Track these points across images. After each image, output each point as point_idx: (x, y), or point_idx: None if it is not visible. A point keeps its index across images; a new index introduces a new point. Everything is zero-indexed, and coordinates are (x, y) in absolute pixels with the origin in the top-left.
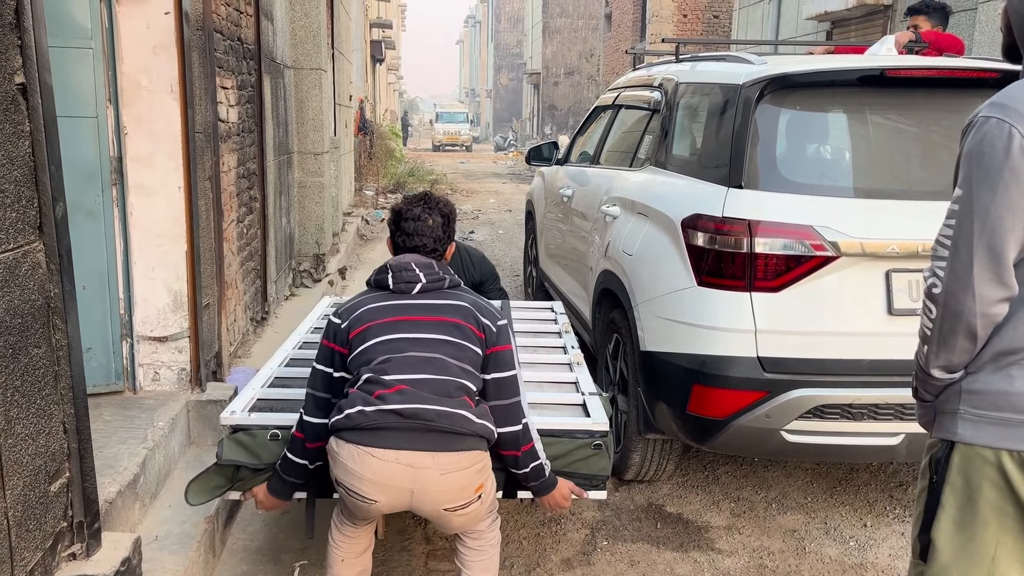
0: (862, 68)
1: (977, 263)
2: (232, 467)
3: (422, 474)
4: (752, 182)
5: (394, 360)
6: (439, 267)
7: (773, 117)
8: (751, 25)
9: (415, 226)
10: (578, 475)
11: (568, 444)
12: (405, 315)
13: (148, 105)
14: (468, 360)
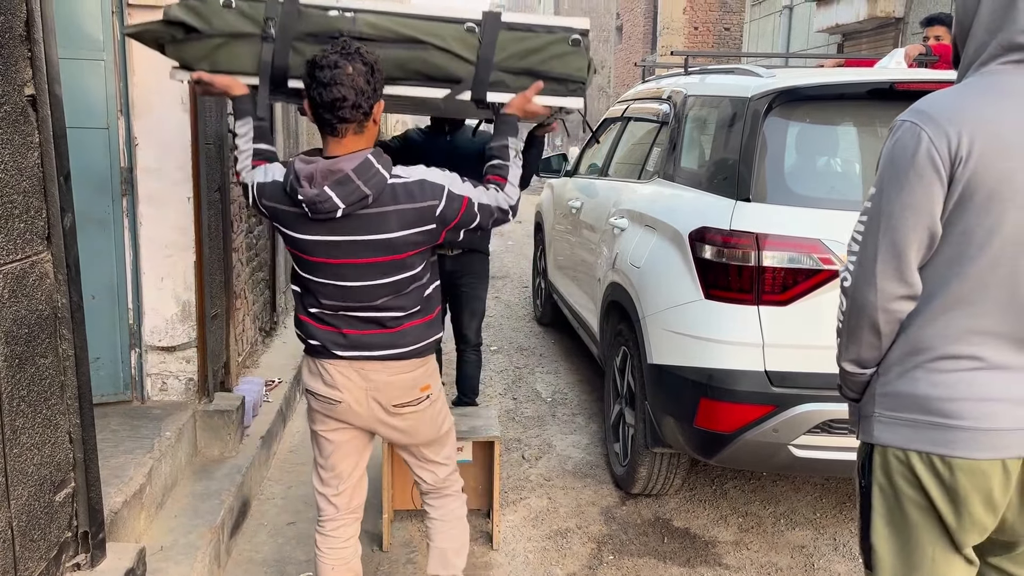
0: (872, 81)
1: (880, 258)
2: (178, 26)
3: (373, 375)
4: (760, 195)
5: (331, 288)
6: (360, 174)
7: (781, 130)
8: (762, 37)
9: (332, 74)
10: (553, 75)
11: (545, 38)
12: (331, 237)
13: (159, 117)
14: (414, 275)
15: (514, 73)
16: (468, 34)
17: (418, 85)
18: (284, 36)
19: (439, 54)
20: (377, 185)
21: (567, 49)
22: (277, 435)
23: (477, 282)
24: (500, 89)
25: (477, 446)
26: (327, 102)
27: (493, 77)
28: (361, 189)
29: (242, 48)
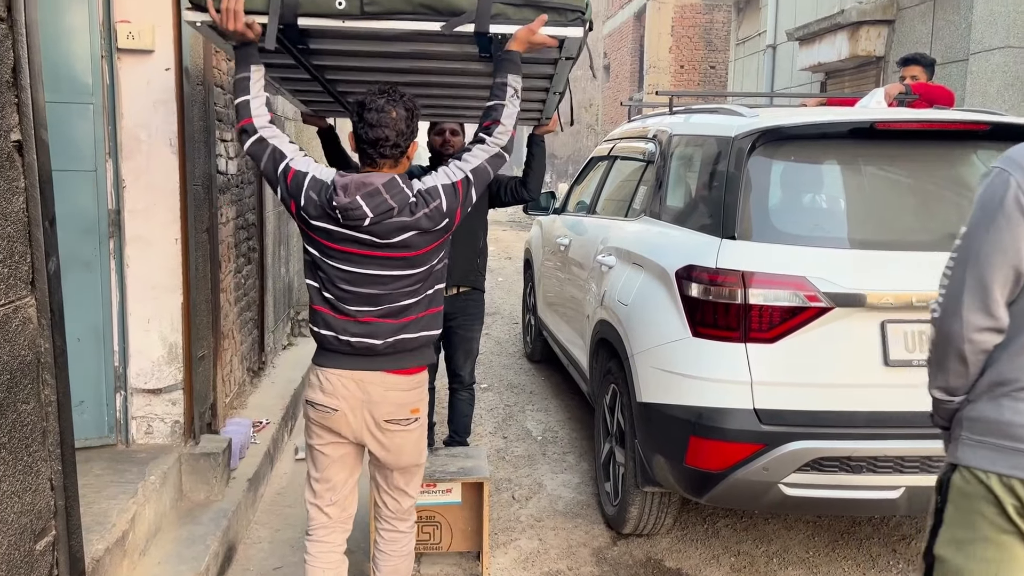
0: (852, 121)
1: (967, 292)
2: None
3: (369, 387)
4: (745, 233)
5: (349, 294)
6: (388, 189)
7: (765, 169)
8: (747, 76)
9: (378, 117)
10: (553, 5)
11: None
12: (356, 248)
13: (147, 158)
14: (421, 276)
15: (516, 5)
16: None
17: (424, 19)
18: None
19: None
20: (401, 200)
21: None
22: (264, 477)
23: (471, 323)
24: (502, 21)
25: (466, 487)
26: (371, 140)
27: (495, 9)
28: (388, 202)
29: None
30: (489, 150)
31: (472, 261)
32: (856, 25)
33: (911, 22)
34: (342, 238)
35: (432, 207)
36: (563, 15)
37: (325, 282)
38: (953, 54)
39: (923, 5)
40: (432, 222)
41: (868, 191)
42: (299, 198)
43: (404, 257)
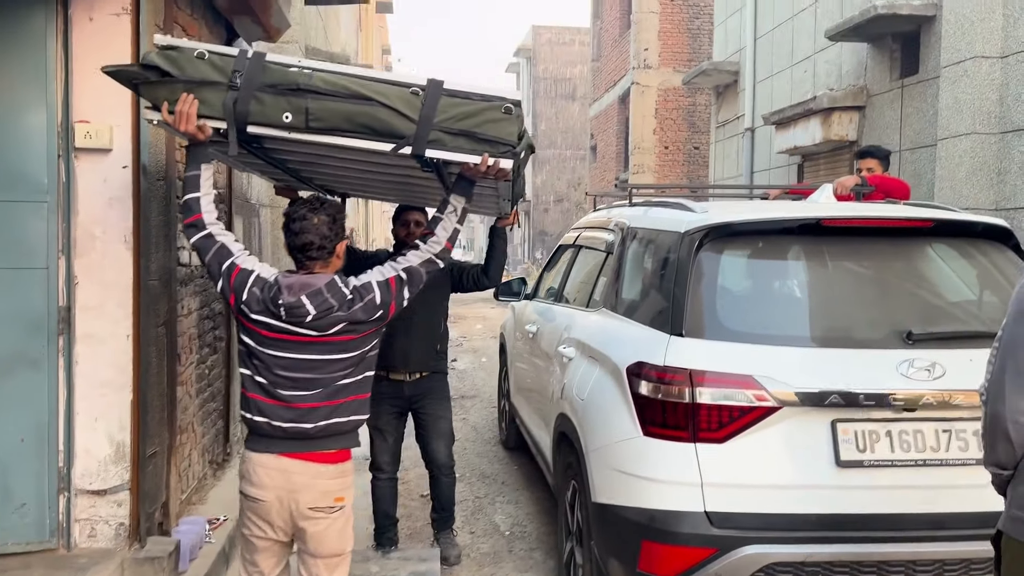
0: (799, 218)
1: (1008, 378)
2: (152, 70)
3: (295, 476)
4: (693, 330)
5: (284, 379)
6: (329, 290)
7: (714, 265)
8: (727, 158)
9: (302, 225)
10: (486, 137)
11: (481, 105)
12: (294, 337)
13: (101, 255)
14: (354, 360)
15: (452, 133)
16: (412, 96)
17: (365, 138)
18: (248, 86)
19: (385, 111)
20: (340, 298)
21: (500, 116)
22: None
23: (438, 403)
24: (437, 147)
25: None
26: (298, 246)
27: (432, 136)
28: (329, 300)
29: (209, 94)
30: (422, 256)
31: (432, 347)
32: (828, 111)
33: (881, 108)
34: (281, 331)
35: (367, 300)
36: (495, 147)
37: (260, 368)
38: (922, 139)
39: (891, 92)
40: (367, 314)
41: (817, 287)
42: (241, 293)
43: (339, 342)
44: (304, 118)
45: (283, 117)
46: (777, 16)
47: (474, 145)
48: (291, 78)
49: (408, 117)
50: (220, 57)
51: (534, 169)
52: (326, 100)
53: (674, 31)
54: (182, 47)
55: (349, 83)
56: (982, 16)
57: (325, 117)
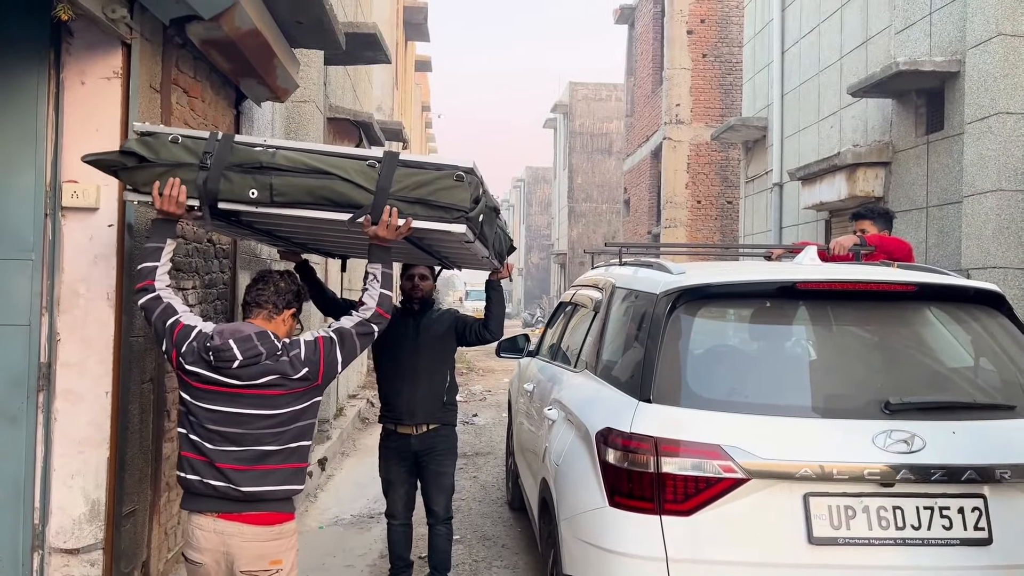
0: (775, 281)
1: None
2: (130, 155)
3: (229, 539)
4: (661, 396)
5: (215, 434)
6: (259, 338)
7: (686, 329)
8: (756, 213)
9: (262, 275)
10: (440, 205)
11: (433, 174)
12: (224, 388)
13: (84, 312)
14: (283, 419)
15: (407, 202)
16: (369, 168)
17: (327, 209)
18: (218, 166)
19: (343, 183)
20: (269, 348)
21: (452, 184)
22: None
23: (443, 459)
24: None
25: None
26: (249, 299)
27: (389, 204)
28: (257, 347)
29: (182, 174)
30: (354, 321)
31: (438, 399)
32: (853, 167)
33: (907, 164)
34: (212, 381)
35: (292, 355)
36: (449, 212)
37: (195, 425)
38: (948, 196)
39: (917, 148)
40: (294, 369)
41: (793, 353)
42: (181, 348)
43: (266, 396)
44: (269, 193)
45: (249, 193)
46: (804, 72)
47: (429, 212)
48: (255, 157)
49: (366, 188)
50: (192, 140)
51: (570, 223)
52: (288, 176)
53: (706, 87)
54: (158, 133)
55: (309, 159)
56: (1005, 72)
57: (288, 192)
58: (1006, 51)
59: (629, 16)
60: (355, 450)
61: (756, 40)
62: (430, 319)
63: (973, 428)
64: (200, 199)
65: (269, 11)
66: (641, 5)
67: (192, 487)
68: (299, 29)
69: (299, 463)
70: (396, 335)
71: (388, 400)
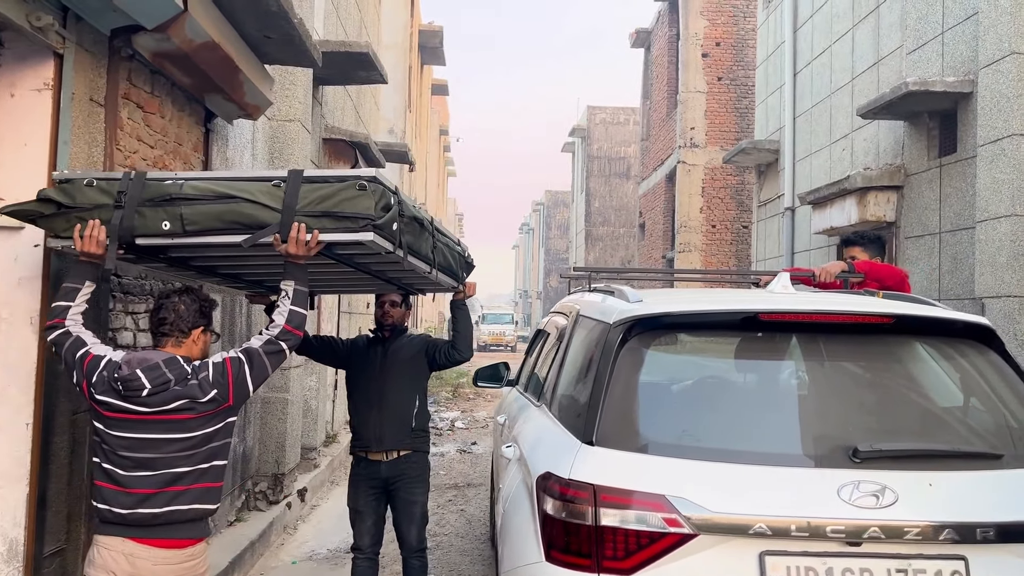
0: (736, 310)
1: None
2: (48, 203)
3: (138, 561)
4: (605, 438)
5: (127, 460)
6: (167, 365)
7: (638, 362)
8: (769, 238)
9: (162, 303)
10: (345, 215)
11: (336, 186)
12: (135, 415)
13: (5, 337)
14: (195, 442)
15: (314, 216)
16: (274, 188)
17: (238, 233)
18: (131, 203)
19: (249, 205)
20: (178, 374)
21: (355, 193)
22: None
23: (413, 486)
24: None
25: None
26: (154, 321)
27: (296, 220)
28: (166, 375)
29: (100, 215)
30: (262, 340)
31: (406, 424)
32: (864, 190)
33: (919, 188)
34: (122, 410)
35: (200, 377)
36: (355, 222)
37: (108, 453)
38: (962, 221)
39: (930, 172)
40: (202, 391)
41: (755, 392)
42: (91, 378)
43: (178, 421)
44: (180, 224)
45: (162, 226)
46: (816, 94)
47: (336, 223)
48: (165, 190)
49: (272, 208)
50: (107, 181)
51: (587, 246)
52: (197, 205)
53: (721, 110)
54: (74, 178)
55: (215, 186)
56: (1019, 92)
57: (198, 220)
58: (1020, 70)
59: (645, 40)
60: (345, 478)
61: (768, 62)
62: (399, 344)
63: (953, 480)
64: (111, 237)
65: (234, 25)
66: (657, 28)
67: (103, 515)
68: (270, 44)
69: (212, 483)
70: (365, 362)
71: (357, 428)
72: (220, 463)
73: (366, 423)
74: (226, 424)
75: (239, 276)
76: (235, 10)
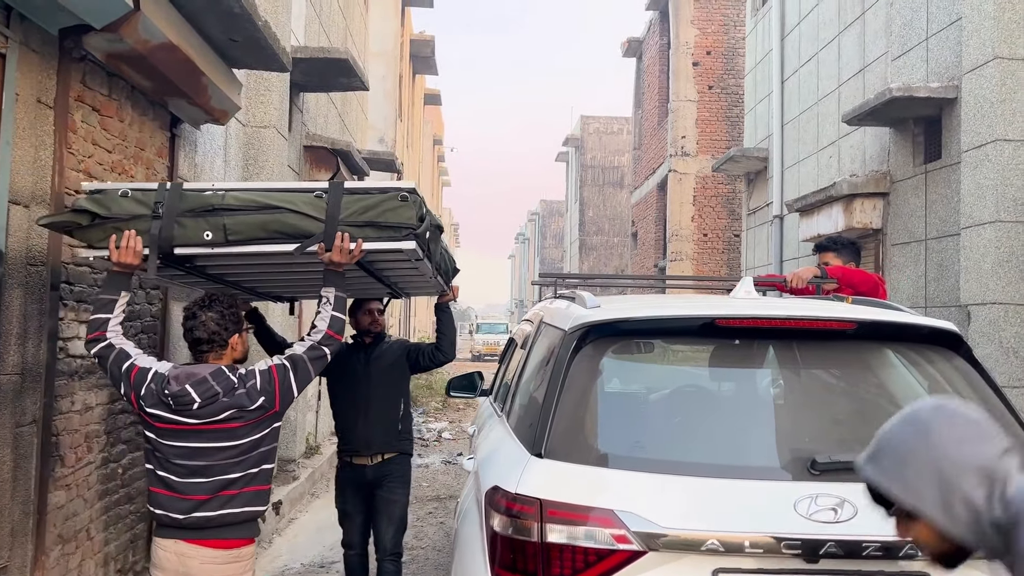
0: (691, 316)
1: None
2: (84, 214)
3: (188, 560)
4: (555, 450)
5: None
6: (214, 378)
7: (590, 371)
8: (758, 246)
9: (192, 324)
10: (389, 225)
11: (379, 197)
12: (187, 426)
13: None
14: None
15: (357, 226)
16: (316, 199)
17: (281, 242)
18: (170, 214)
19: (293, 215)
20: (226, 385)
21: (397, 204)
22: None
23: (395, 486)
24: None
25: None
26: (190, 341)
27: (340, 230)
28: (214, 388)
29: (137, 226)
30: (305, 345)
31: (393, 427)
32: (850, 197)
33: (905, 195)
34: (173, 422)
35: (248, 386)
36: (398, 231)
37: (162, 461)
38: (947, 228)
39: (916, 178)
40: (251, 400)
41: (710, 401)
42: (140, 390)
43: (228, 429)
44: (223, 234)
45: (204, 236)
46: (803, 102)
47: (379, 232)
48: (206, 201)
49: (316, 218)
50: (143, 192)
51: (581, 256)
52: (240, 215)
53: (712, 119)
54: (107, 189)
55: (258, 196)
56: (1002, 97)
57: (242, 230)
58: (1003, 75)
59: (637, 49)
60: (327, 490)
61: (757, 70)
62: (380, 350)
63: None
64: (151, 247)
65: (196, 27)
66: (648, 38)
67: (161, 520)
68: (235, 48)
69: (262, 485)
70: (348, 368)
71: (344, 433)
72: (269, 467)
73: (353, 428)
74: (273, 429)
75: (255, 289)
76: (195, 11)
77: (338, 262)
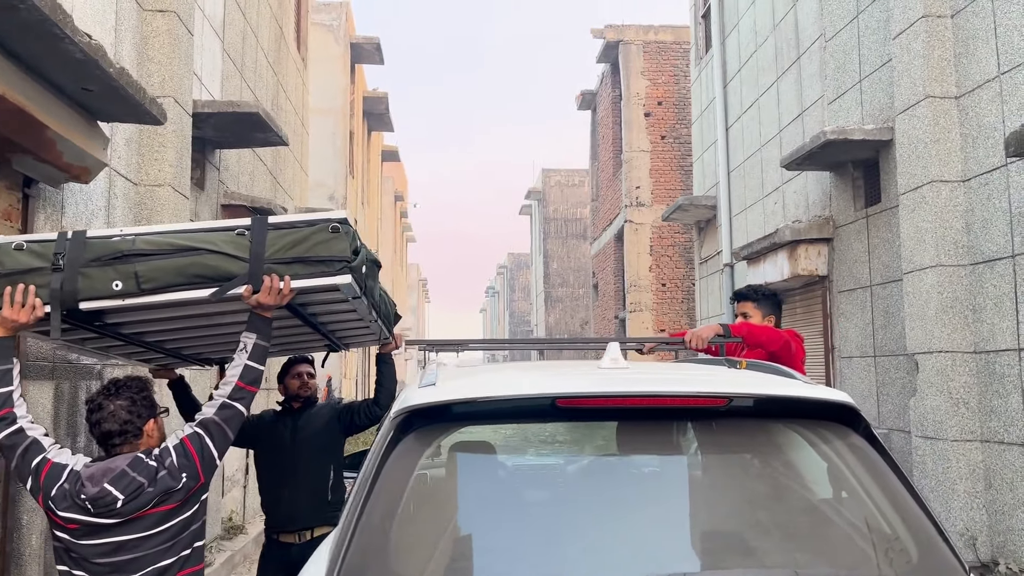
0: (532, 396)
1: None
2: None
3: None
4: (358, 568)
5: (104, 567)
6: (134, 468)
7: (407, 471)
8: (711, 295)
9: (98, 416)
10: (320, 259)
11: (307, 230)
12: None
13: None
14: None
15: (285, 263)
16: (239, 237)
17: (201, 287)
18: (72, 265)
19: (214, 256)
20: (148, 474)
21: (328, 236)
22: None
23: None
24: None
25: None
26: (99, 436)
27: (266, 269)
28: (137, 479)
29: (34, 280)
30: (215, 405)
31: (322, 498)
32: (794, 244)
33: (848, 240)
34: (92, 523)
35: (168, 465)
36: (330, 265)
37: (79, 561)
38: (891, 273)
39: (857, 223)
40: (174, 479)
41: (552, 506)
42: (50, 491)
43: (155, 514)
44: (135, 282)
45: (113, 286)
46: (747, 148)
47: (310, 269)
48: (114, 247)
49: (239, 257)
50: (40, 244)
51: (547, 308)
52: (153, 260)
53: (666, 168)
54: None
55: (173, 239)
56: (936, 137)
57: (156, 276)
58: (935, 114)
59: (591, 101)
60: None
61: (703, 118)
62: (308, 415)
63: None
64: (52, 303)
65: (39, 74)
66: (601, 90)
67: None
68: (93, 98)
69: (196, 566)
70: (274, 438)
71: (269, 508)
72: (200, 544)
73: (277, 502)
74: (201, 503)
75: (180, 352)
76: (34, 58)
77: (266, 304)
